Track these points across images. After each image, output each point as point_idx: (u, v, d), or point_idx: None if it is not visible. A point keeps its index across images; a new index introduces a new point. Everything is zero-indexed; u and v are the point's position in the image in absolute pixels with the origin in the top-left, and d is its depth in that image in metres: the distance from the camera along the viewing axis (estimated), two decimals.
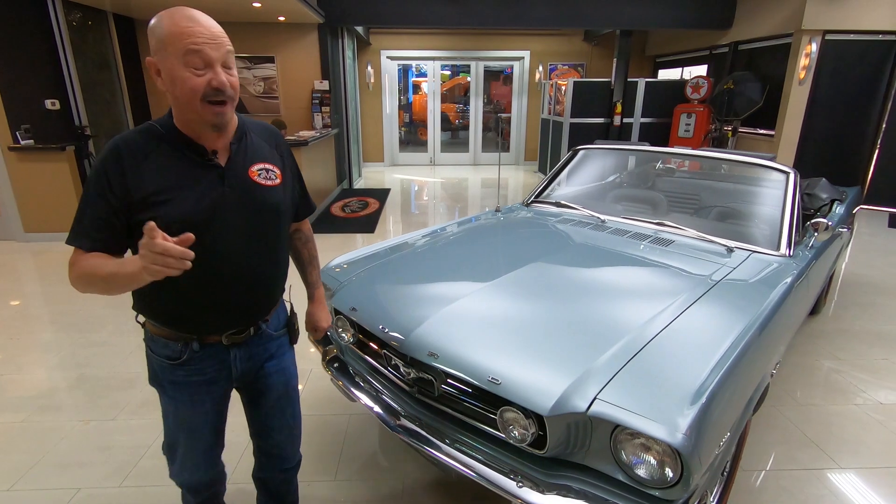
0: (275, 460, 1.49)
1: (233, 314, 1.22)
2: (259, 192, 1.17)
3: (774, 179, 2.35)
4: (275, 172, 1.21)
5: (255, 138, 1.21)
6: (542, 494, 1.29)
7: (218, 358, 1.24)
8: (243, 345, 1.26)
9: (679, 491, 1.18)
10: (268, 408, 1.39)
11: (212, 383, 1.26)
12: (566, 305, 1.64)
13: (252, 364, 1.30)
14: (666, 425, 1.14)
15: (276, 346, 1.35)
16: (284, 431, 1.45)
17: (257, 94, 7.19)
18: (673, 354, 1.37)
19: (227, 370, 1.26)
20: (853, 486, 1.96)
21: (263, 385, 1.35)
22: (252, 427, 1.45)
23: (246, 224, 1.15)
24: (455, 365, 1.41)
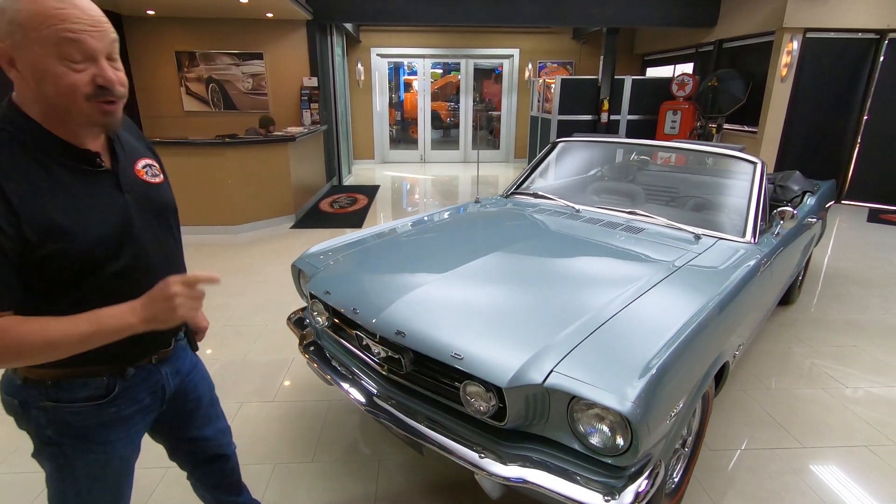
0: (220, 462, 1.42)
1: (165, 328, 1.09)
2: (154, 193, 1.04)
3: (743, 169, 2.42)
4: (156, 168, 1.08)
5: (124, 133, 1.05)
6: (504, 465, 1.35)
7: (151, 380, 1.10)
8: (168, 360, 1.15)
9: (629, 458, 1.24)
10: (201, 418, 1.31)
11: (147, 411, 1.12)
12: (530, 289, 1.70)
13: (180, 379, 1.20)
14: (616, 394, 1.20)
15: (188, 354, 1.26)
16: (223, 433, 1.40)
17: (246, 91, 7.20)
18: (628, 332, 1.43)
19: (161, 392, 1.14)
20: (815, 464, 2.03)
21: (194, 396, 1.27)
22: (182, 448, 1.33)
23: (154, 231, 1.03)
24: (421, 343, 1.46)
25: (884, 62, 6.22)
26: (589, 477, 1.29)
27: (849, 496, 1.87)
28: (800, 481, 1.94)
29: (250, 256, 4.56)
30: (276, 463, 2.02)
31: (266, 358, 2.81)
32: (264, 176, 5.37)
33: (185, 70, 7.05)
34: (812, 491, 1.90)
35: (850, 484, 1.93)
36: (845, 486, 1.93)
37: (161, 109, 7.25)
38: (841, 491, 1.90)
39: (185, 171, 5.02)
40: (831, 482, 1.94)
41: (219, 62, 7.04)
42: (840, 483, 1.94)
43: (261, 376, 2.63)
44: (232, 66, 7.07)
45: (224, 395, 2.45)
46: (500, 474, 1.33)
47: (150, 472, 1.93)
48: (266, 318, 3.29)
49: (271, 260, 4.44)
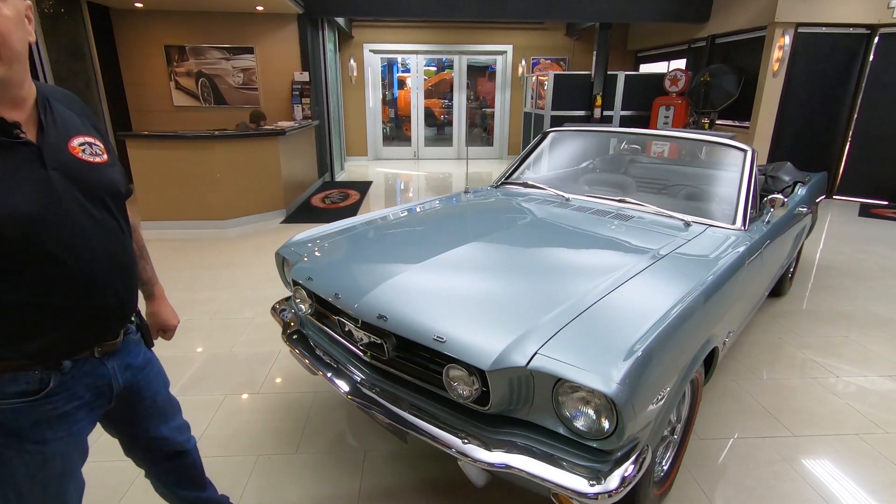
0: (180, 458, 1.36)
1: (108, 317, 1.03)
2: (91, 173, 0.96)
3: (733, 157, 2.40)
4: (98, 147, 1.00)
5: (61, 108, 0.97)
6: (489, 451, 1.31)
7: (94, 375, 1.03)
8: (116, 354, 1.08)
9: (614, 441, 1.21)
10: (156, 416, 1.25)
11: (91, 407, 1.05)
12: (514, 275, 1.66)
13: (131, 374, 1.13)
14: (601, 376, 1.17)
15: (142, 350, 1.19)
16: (179, 430, 1.34)
17: (236, 86, 7.14)
18: (613, 316, 1.40)
19: (108, 387, 1.06)
20: (806, 453, 2.01)
21: (148, 394, 1.20)
22: (138, 445, 1.28)
23: (88, 214, 0.94)
24: (402, 326, 1.42)
25: (874, 57, 6.24)
26: (574, 462, 1.25)
27: (839, 485, 1.85)
28: (790, 470, 1.92)
29: (239, 251, 4.50)
30: (259, 454, 1.98)
31: (252, 350, 2.76)
32: (254, 170, 5.31)
33: (174, 64, 6.98)
34: (802, 479, 1.88)
35: (841, 472, 1.92)
36: (836, 474, 1.91)
37: (150, 104, 7.17)
38: (831, 479, 1.88)
39: (173, 165, 4.95)
40: (822, 471, 1.92)
41: (209, 56, 6.97)
42: (831, 471, 1.92)
43: (246, 368, 2.59)
44: (222, 61, 7.00)
45: (208, 388, 2.41)
46: (483, 460, 1.29)
47: (123, 469, 1.88)
48: (254, 312, 3.24)
49: (260, 254, 4.39)
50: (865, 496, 1.80)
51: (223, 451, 2.00)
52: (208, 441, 2.05)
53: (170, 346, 2.76)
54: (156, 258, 4.13)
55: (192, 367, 2.58)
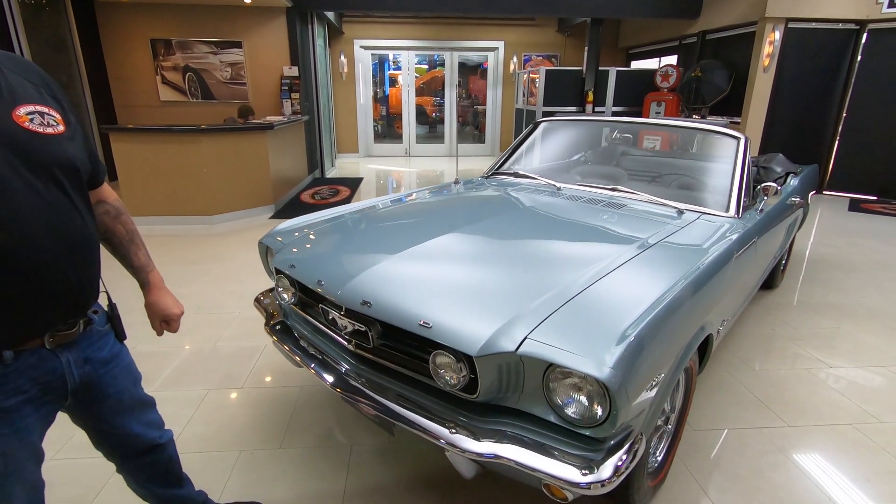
0: (154, 453, 1.28)
1: (54, 303, 0.93)
2: (41, 144, 0.88)
3: (726, 144, 2.37)
4: (53, 117, 0.92)
5: (12, 75, 0.90)
6: (477, 441, 1.26)
7: (44, 368, 0.95)
8: (73, 346, 1.00)
9: (607, 428, 1.16)
10: (123, 414, 1.17)
11: (40, 403, 0.97)
12: (501, 263, 1.61)
13: (91, 368, 1.05)
14: (593, 361, 1.12)
15: (109, 343, 1.11)
16: (150, 426, 1.26)
17: (224, 81, 7.04)
18: (605, 301, 1.35)
19: (60, 382, 0.98)
20: (800, 443, 1.98)
21: (113, 391, 1.12)
22: (107, 442, 1.20)
23: (33, 189, 0.86)
24: (387, 312, 1.37)
25: (863, 53, 6.27)
26: (566, 451, 1.21)
27: (834, 474, 1.82)
28: (785, 460, 1.89)
29: (226, 246, 4.42)
30: (242, 450, 1.91)
31: (237, 345, 2.69)
32: (242, 165, 5.22)
33: (160, 58, 6.87)
34: (797, 469, 1.84)
35: (836, 462, 1.89)
36: (831, 463, 1.88)
37: (136, 99, 7.05)
38: (826, 469, 1.85)
39: (159, 160, 4.86)
40: (817, 460, 1.89)
41: (196, 50, 6.87)
42: (825, 461, 1.89)
43: (230, 363, 2.52)
44: (209, 55, 6.90)
45: (191, 383, 2.34)
46: (472, 450, 1.24)
47: (97, 466, 1.81)
48: (239, 306, 3.17)
49: (248, 249, 4.31)
50: (860, 485, 1.77)
51: (204, 446, 1.93)
52: (189, 437, 1.98)
53: (151, 341, 2.69)
54: None
55: (174, 363, 2.51)
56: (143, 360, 2.51)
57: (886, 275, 3.85)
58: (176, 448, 1.39)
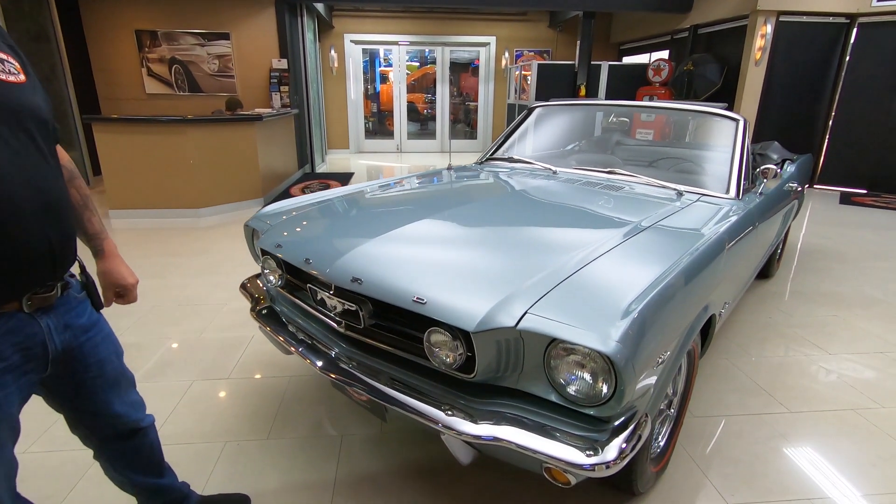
0: (135, 438, 1.22)
1: (34, 262, 0.87)
2: (6, 91, 0.83)
3: (725, 126, 2.32)
4: (13, 65, 0.86)
5: None
6: (475, 423, 1.19)
7: (22, 333, 0.89)
8: (52, 311, 0.95)
9: (613, 406, 1.10)
10: (106, 388, 1.10)
11: (20, 372, 0.90)
12: (496, 242, 1.54)
13: (72, 335, 1.00)
14: (598, 334, 1.06)
15: (87, 311, 1.06)
16: (134, 407, 1.20)
17: (212, 73, 6.91)
18: (605, 279, 1.29)
19: (41, 349, 0.93)
20: (803, 429, 1.94)
21: (94, 360, 1.06)
22: (85, 422, 1.13)
23: (5, 138, 0.82)
24: (379, 289, 1.29)
25: (853, 47, 6.29)
26: (569, 431, 1.14)
27: (839, 458, 1.78)
28: (788, 445, 1.84)
29: (213, 239, 4.31)
30: (227, 441, 1.83)
31: (223, 336, 2.60)
32: (229, 157, 5.11)
33: (146, 50, 6.73)
34: (801, 454, 1.80)
35: (839, 447, 1.84)
36: (835, 448, 1.83)
37: (121, 92, 6.90)
38: (831, 453, 1.81)
39: (144, 151, 4.74)
40: (820, 445, 1.85)
41: (182, 42, 6.73)
42: (829, 446, 1.85)
43: (216, 353, 2.43)
44: (196, 47, 6.77)
45: (174, 374, 2.25)
46: (469, 433, 1.17)
47: (73, 458, 1.72)
48: (226, 297, 3.07)
49: (235, 242, 4.21)
50: (866, 469, 1.73)
51: (187, 438, 1.85)
52: (171, 428, 1.89)
53: (132, 332, 2.60)
54: (123, 247, 3.93)
55: (156, 354, 2.42)
56: (125, 353, 2.42)
57: (880, 264, 3.84)
58: (158, 435, 1.31)
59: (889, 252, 4.15)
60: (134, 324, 2.67)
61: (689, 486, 1.65)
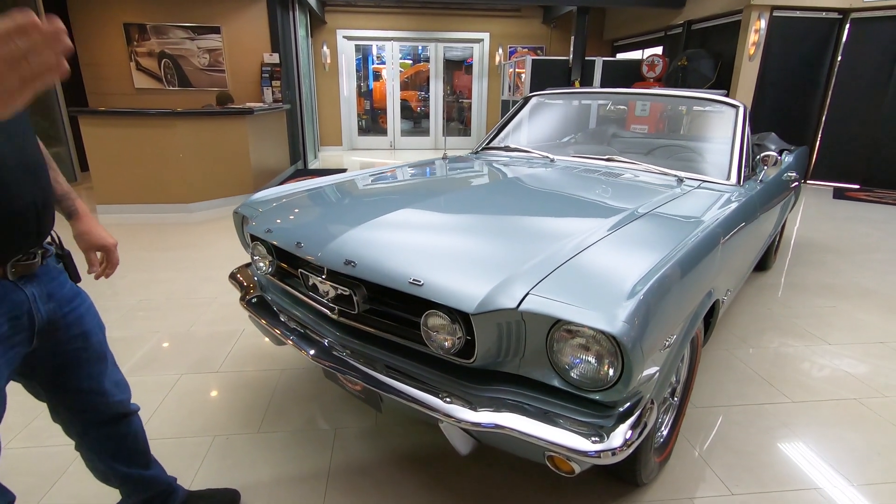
0: (120, 424, 1.16)
1: (20, 226, 0.84)
2: None
3: (725, 113, 2.28)
4: None
5: None
6: (474, 411, 1.14)
7: (9, 301, 0.86)
8: (35, 279, 0.91)
9: (619, 391, 1.05)
10: (91, 362, 1.06)
11: (8, 345, 0.87)
12: (491, 228, 1.48)
13: (56, 305, 0.96)
14: (605, 315, 1.01)
15: (68, 282, 1.01)
16: (120, 387, 1.15)
17: (202, 67, 6.81)
18: (610, 259, 1.24)
19: (28, 319, 0.89)
20: (806, 418, 1.91)
21: (79, 331, 1.01)
22: (68, 403, 1.07)
23: None
24: (373, 271, 1.24)
25: (846, 42, 6.30)
26: (573, 417, 1.10)
27: (843, 448, 1.75)
28: (792, 435, 1.81)
29: (203, 234, 4.23)
30: (216, 435, 1.77)
31: (213, 329, 2.53)
32: (220, 151, 5.03)
33: (134, 44, 6.61)
34: (805, 444, 1.76)
35: (844, 436, 1.81)
36: (839, 438, 1.80)
37: (109, 87, 6.78)
38: (835, 443, 1.77)
39: (132, 145, 4.64)
40: (824, 435, 1.81)
41: (172, 36, 6.63)
42: (833, 435, 1.81)
43: (205, 347, 2.36)
44: (186, 41, 6.67)
45: (161, 368, 2.18)
46: (469, 420, 1.12)
47: (54, 455, 1.65)
48: (216, 291, 3.00)
49: (226, 237, 4.13)
50: (871, 459, 1.70)
51: (175, 432, 1.78)
52: (158, 423, 1.83)
53: (119, 326, 2.52)
54: None
55: (143, 348, 2.34)
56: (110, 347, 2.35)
57: (875, 257, 3.84)
58: (143, 425, 1.25)
59: (883, 245, 4.15)
60: (120, 318, 2.59)
61: (693, 477, 1.61)
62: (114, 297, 2.86)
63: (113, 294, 2.92)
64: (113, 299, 2.84)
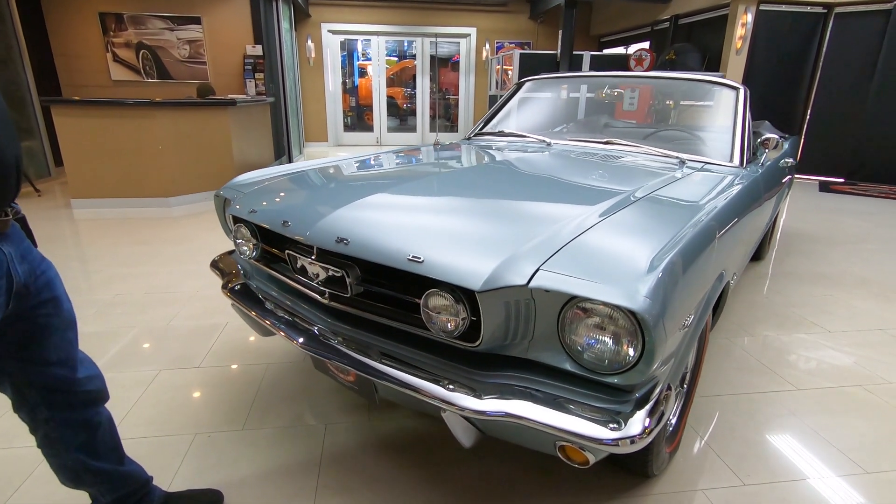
0: (89, 409, 1.07)
1: (6, 175, 0.82)
2: None
3: (725, 95, 2.23)
4: None
5: None
6: (479, 398, 1.05)
7: None
8: (8, 239, 0.86)
9: (640, 372, 0.97)
10: (61, 330, 0.99)
11: None
12: (492, 207, 1.40)
13: (29, 267, 0.91)
14: (625, 289, 0.93)
15: (33, 246, 0.96)
16: (87, 365, 1.07)
17: (182, 59, 6.61)
18: (621, 237, 1.15)
19: (7, 280, 0.85)
20: (811, 405, 1.85)
21: (49, 295, 0.95)
22: (36, 382, 0.98)
23: None
24: (367, 249, 1.14)
25: (830, 37, 6.35)
26: (586, 403, 1.01)
27: (852, 434, 1.69)
28: (800, 423, 1.75)
29: (185, 228, 4.08)
30: (197, 433, 1.65)
31: (194, 324, 2.41)
32: (202, 143, 4.86)
33: (111, 34, 6.39)
34: (813, 431, 1.71)
35: (853, 423, 1.76)
36: (848, 424, 1.75)
37: (85, 78, 6.54)
38: (843, 430, 1.72)
39: (109, 137, 4.46)
40: (833, 421, 1.76)
41: (150, 26, 6.42)
42: (842, 422, 1.76)
43: (186, 342, 2.23)
44: (165, 31, 6.46)
45: (138, 363, 2.05)
46: (473, 409, 1.03)
47: (18, 458, 1.52)
48: (198, 285, 2.87)
49: (209, 231, 3.98)
50: (883, 446, 1.64)
51: (152, 431, 1.66)
52: (134, 421, 1.70)
53: (94, 321, 2.38)
54: (86, 237, 3.65)
55: (119, 343, 2.21)
56: (84, 343, 2.21)
57: (866, 246, 3.84)
58: (113, 419, 1.14)
59: (871, 235, 4.16)
60: (95, 313, 2.45)
61: (703, 468, 1.54)
62: (88, 292, 2.71)
63: (87, 289, 2.77)
64: (87, 294, 2.69)
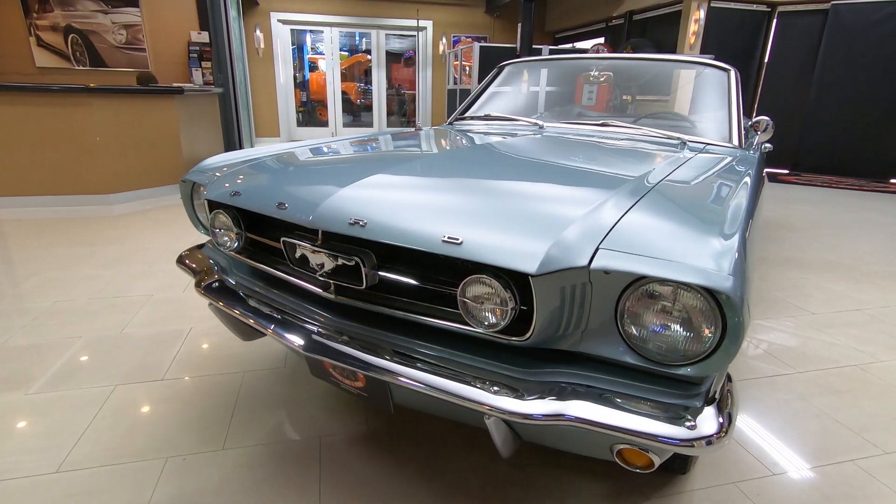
0: None
1: None
2: None
3: (717, 76, 2.19)
4: None
5: None
6: (523, 400, 0.90)
7: None
8: None
9: (720, 361, 0.85)
10: None
11: None
12: (508, 188, 1.27)
13: None
14: (705, 266, 0.81)
15: None
16: None
17: (118, 45, 6.05)
18: (671, 212, 1.04)
19: None
20: (817, 388, 1.83)
21: None
22: None
23: None
24: (391, 231, 0.97)
25: (775, 34, 6.65)
26: (654, 399, 0.89)
27: (863, 415, 1.68)
28: (812, 407, 1.72)
29: (128, 227, 3.69)
30: (168, 456, 1.41)
31: (152, 331, 2.12)
32: (146, 135, 4.45)
33: (34, 16, 5.75)
34: (827, 415, 1.68)
35: (859, 403, 1.75)
36: (855, 405, 1.74)
37: (4, 65, 5.86)
38: (853, 410, 1.70)
39: (36, 127, 3.98)
40: (840, 403, 1.74)
41: (80, 8, 5.83)
42: (849, 403, 1.75)
43: (144, 352, 1.96)
44: (98, 14, 5.89)
45: (88, 379, 1.76)
46: (523, 412, 0.89)
47: None
48: (151, 287, 2.56)
49: (157, 229, 3.62)
50: (891, 424, 1.64)
51: (112, 458, 1.41)
52: (88, 448, 1.44)
53: (29, 332, 2.05)
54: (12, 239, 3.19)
55: (63, 356, 1.90)
56: (19, 357, 1.89)
57: (826, 231, 4.00)
58: None
59: (828, 221, 4.35)
60: (29, 323, 2.12)
61: (729, 460, 1.46)
62: (18, 300, 2.35)
63: (17, 295, 2.41)
64: (17, 301, 2.33)
